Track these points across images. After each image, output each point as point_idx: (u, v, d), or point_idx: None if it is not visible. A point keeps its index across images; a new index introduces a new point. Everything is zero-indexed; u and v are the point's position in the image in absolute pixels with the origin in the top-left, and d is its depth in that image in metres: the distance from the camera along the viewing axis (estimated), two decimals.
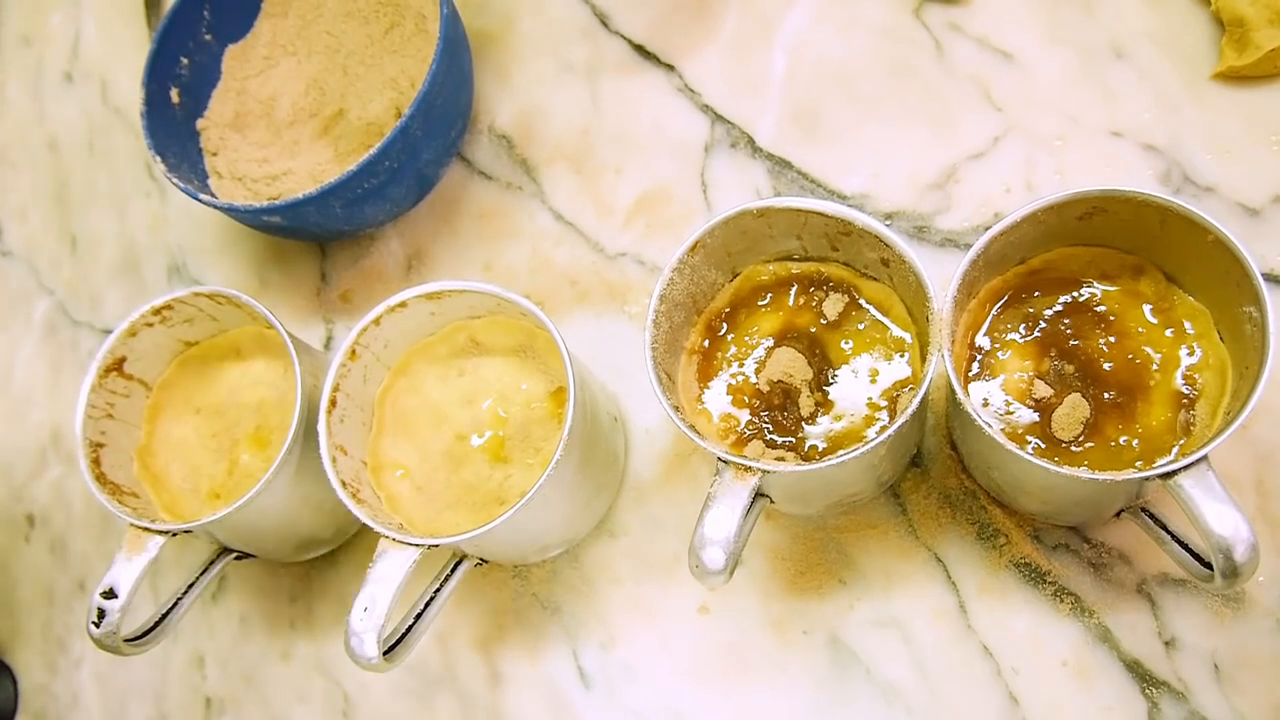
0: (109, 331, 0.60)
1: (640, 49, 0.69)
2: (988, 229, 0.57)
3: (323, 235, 0.69)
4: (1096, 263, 0.50)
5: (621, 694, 0.56)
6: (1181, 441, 0.46)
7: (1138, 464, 0.46)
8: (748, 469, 0.46)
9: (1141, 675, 0.49)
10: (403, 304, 0.55)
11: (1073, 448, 0.47)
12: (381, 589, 0.49)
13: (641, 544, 0.58)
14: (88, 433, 0.58)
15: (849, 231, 0.51)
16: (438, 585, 0.55)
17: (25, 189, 0.84)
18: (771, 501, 0.52)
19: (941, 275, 0.57)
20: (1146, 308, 0.49)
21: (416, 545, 0.50)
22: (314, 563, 0.64)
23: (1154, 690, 0.49)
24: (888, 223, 0.59)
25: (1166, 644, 0.49)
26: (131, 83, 0.83)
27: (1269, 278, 0.53)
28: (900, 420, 0.45)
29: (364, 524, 0.59)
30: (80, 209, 0.81)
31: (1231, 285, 0.44)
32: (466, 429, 0.56)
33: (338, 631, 0.62)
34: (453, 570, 0.56)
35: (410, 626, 0.53)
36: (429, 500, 0.56)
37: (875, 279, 0.53)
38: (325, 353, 0.58)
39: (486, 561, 0.59)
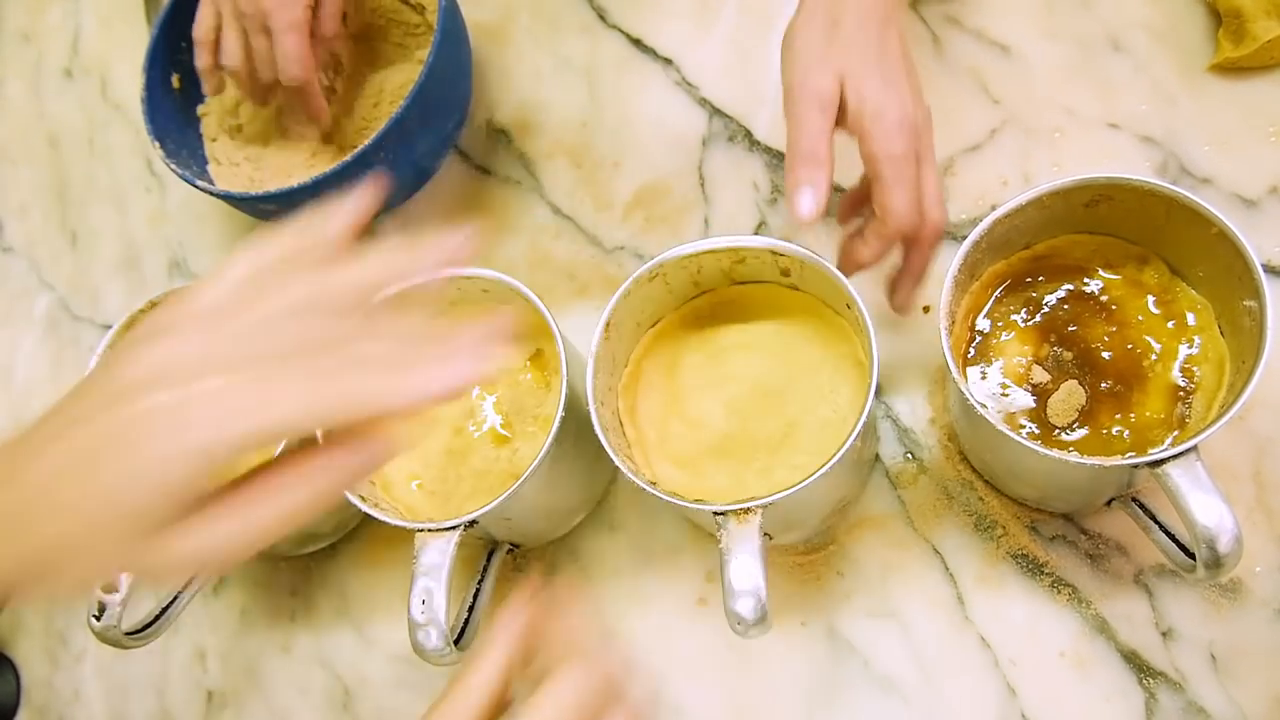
0: (110, 326, 0.61)
1: (638, 43, 0.69)
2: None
3: None
4: (1101, 251, 0.50)
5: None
6: (1175, 434, 0.46)
7: (1130, 454, 0.46)
8: (747, 510, 0.45)
9: (1139, 666, 0.49)
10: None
11: (1066, 434, 0.47)
12: (433, 580, 0.49)
13: (639, 536, 0.58)
14: None
15: (742, 259, 0.52)
16: (480, 578, 0.56)
17: (25, 185, 0.84)
18: (770, 538, 0.50)
19: (939, 268, 0.57)
20: (1149, 299, 0.49)
21: (452, 529, 0.50)
22: (314, 556, 0.65)
23: (1151, 680, 0.49)
24: None
25: (1164, 634, 0.49)
26: (131, 78, 0.83)
27: (1268, 269, 0.53)
28: (859, 424, 0.45)
29: (364, 518, 0.60)
30: (80, 205, 0.81)
31: (1234, 279, 0.44)
32: (461, 421, 0.57)
33: (338, 624, 0.63)
34: (489, 560, 0.56)
35: (467, 619, 0.54)
36: (445, 500, 0.56)
37: (795, 288, 0.53)
38: None
39: (519, 547, 0.59)
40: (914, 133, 0.46)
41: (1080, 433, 0.47)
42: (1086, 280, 0.50)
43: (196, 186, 0.64)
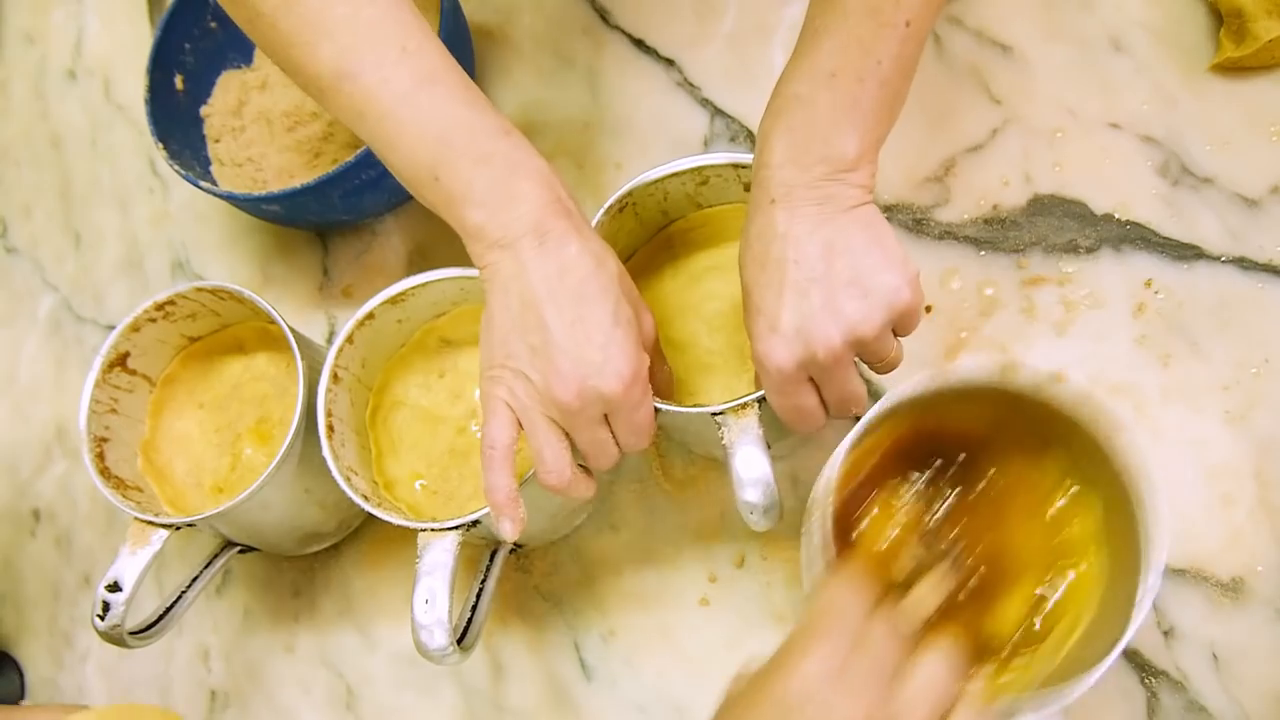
0: (113, 327, 0.61)
1: (640, 43, 0.69)
2: (986, 221, 0.57)
3: (322, 224, 0.69)
4: (1006, 429, 0.46)
5: (622, 685, 0.56)
6: (1017, 648, 0.43)
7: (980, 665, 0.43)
8: (744, 405, 0.46)
9: (1140, 665, 0.49)
10: (370, 315, 0.56)
11: (922, 614, 0.43)
12: (437, 579, 0.49)
13: (642, 536, 0.59)
14: (92, 428, 0.58)
15: (706, 179, 0.53)
16: (483, 578, 0.56)
17: (29, 186, 0.84)
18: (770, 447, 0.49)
19: (941, 268, 0.58)
20: (1041, 491, 0.45)
21: (454, 528, 0.50)
22: (317, 556, 0.65)
23: (1153, 680, 0.49)
24: (886, 215, 0.59)
25: (1165, 634, 0.49)
26: (134, 79, 0.83)
27: (1268, 268, 0.53)
28: None
29: (366, 518, 0.60)
30: (83, 206, 0.81)
31: (1128, 493, 0.42)
32: (464, 421, 0.57)
33: (341, 624, 0.63)
34: (491, 560, 0.56)
35: (470, 619, 0.54)
36: (448, 499, 0.56)
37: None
38: (327, 347, 0.59)
39: (521, 547, 0.60)
40: (807, 366, 0.44)
41: (936, 620, 0.43)
42: (982, 461, 0.46)
43: (199, 187, 0.64)
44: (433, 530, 0.50)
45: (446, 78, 0.46)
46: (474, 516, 0.49)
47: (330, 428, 0.54)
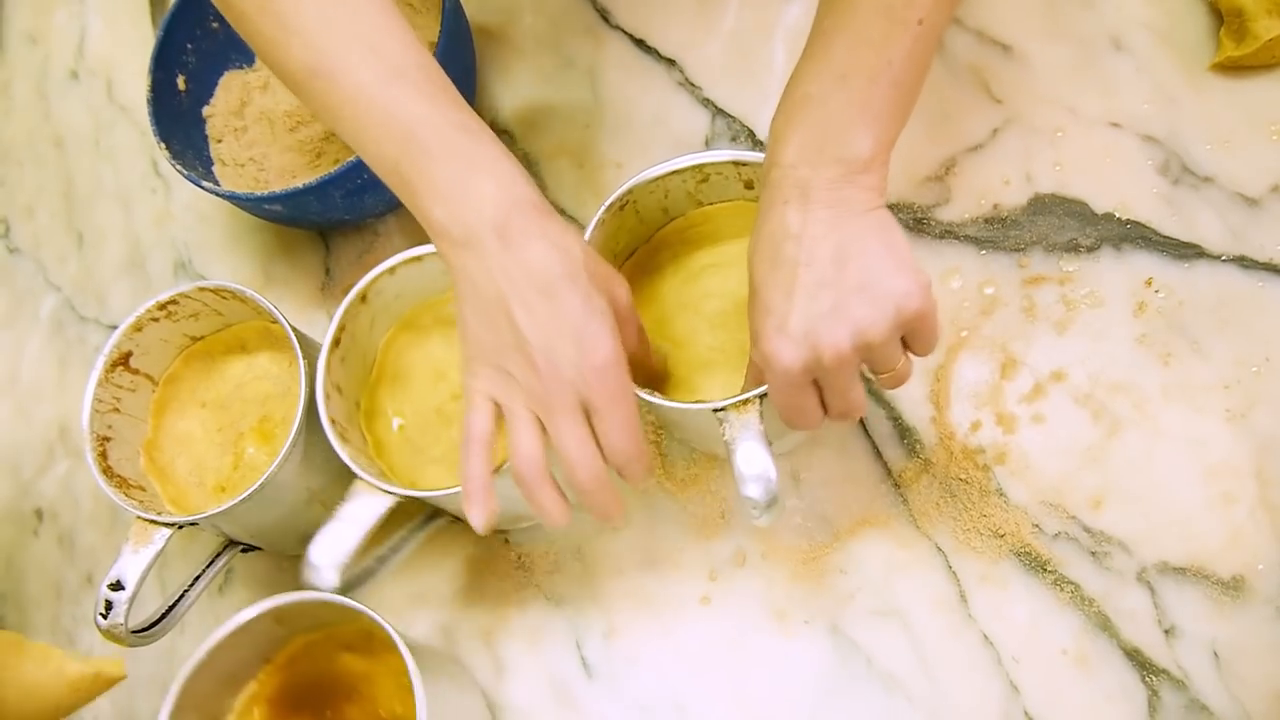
0: (115, 327, 0.61)
1: (641, 43, 0.69)
2: (987, 220, 0.58)
3: (324, 224, 0.70)
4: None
5: (624, 684, 0.57)
6: None
7: None
8: (745, 402, 0.46)
9: (1141, 663, 0.49)
10: (418, 258, 0.56)
11: None
12: (349, 529, 0.50)
13: (644, 535, 0.59)
14: (95, 427, 0.59)
15: (706, 177, 0.53)
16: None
17: (32, 186, 0.84)
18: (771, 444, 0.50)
19: (942, 268, 0.58)
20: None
21: (392, 494, 0.50)
22: None
23: (1154, 678, 0.49)
24: None
25: (1166, 632, 0.50)
26: (136, 80, 0.83)
27: (1268, 267, 0.53)
28: None
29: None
30: (86, 206, 0.81)
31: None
32: (460, 389, 0.57)
33: None
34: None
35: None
36: (416, 452, 0.57)
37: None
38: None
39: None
40: (812, 369, 0.44)
41: None
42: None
43: (202, 187, 0.64)
44: (370, 484, 0.51)
45: (414, 74, 0.46)
46: (416, 494, 0.51)
47: (337, 341, 0.55)
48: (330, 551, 0.49)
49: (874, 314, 0.42)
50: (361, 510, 0.50)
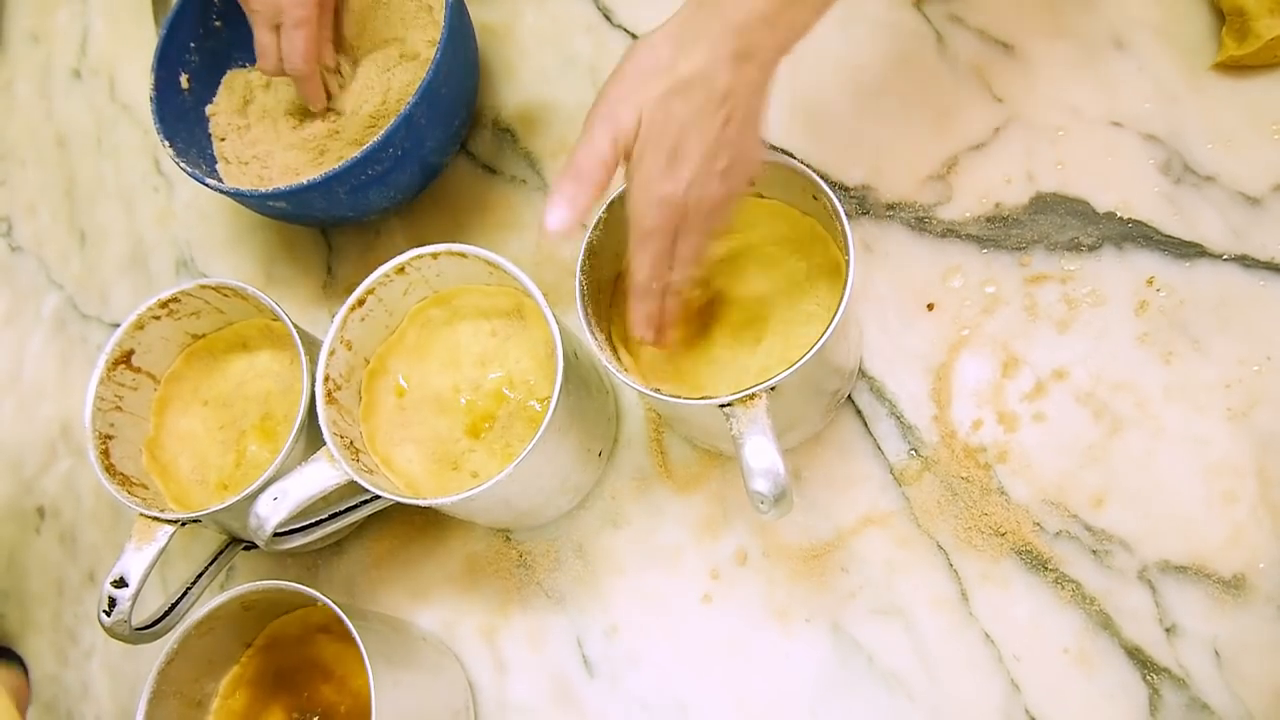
0: (117, 325, 0.61)
1: None
2: (989, 219, 0.58)
3: (328, 221, 0.70)
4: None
5: (625, 682, 0.57)
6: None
7: None
8: (752, 396, 0.46)
9: (1142, 662, 0.50)
10: (462, 254, 0.56)
11: None
12: (297, 488, 0.51)
13: (645, 533, 0.59)
14: (97, 425, 0.59)
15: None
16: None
17: (34, 185, 0.85)
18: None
19: (943, 266, 0.58)
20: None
21: (348, 475, 0.52)
22: (320, 552, 0.65)
23: (1155, 677, 0.49)
24: (889, 213, 0.60)
25: (1167, 631, 0.50)
26: (139, 78, 0.84)
27: (1270, 266, 0.53)
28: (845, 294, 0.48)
29: (368, 516, 0.60)
30: (88, 204, 0.82)
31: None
32: (465, 385, 0.57)
33: None
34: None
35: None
36: (401, 424, 0.57)
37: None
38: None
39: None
40: (677, 212, 0.45)
41: None
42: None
43: (207, 185, 0.64)
44: (332, 457, 0.52)
45: None
46: (377, 491, 0.52)
47: (361, 301, 0.56)
48: (277, 506, 0.51)
49: (693, 173, 0.45)
50: (313, 478, 0.52)
